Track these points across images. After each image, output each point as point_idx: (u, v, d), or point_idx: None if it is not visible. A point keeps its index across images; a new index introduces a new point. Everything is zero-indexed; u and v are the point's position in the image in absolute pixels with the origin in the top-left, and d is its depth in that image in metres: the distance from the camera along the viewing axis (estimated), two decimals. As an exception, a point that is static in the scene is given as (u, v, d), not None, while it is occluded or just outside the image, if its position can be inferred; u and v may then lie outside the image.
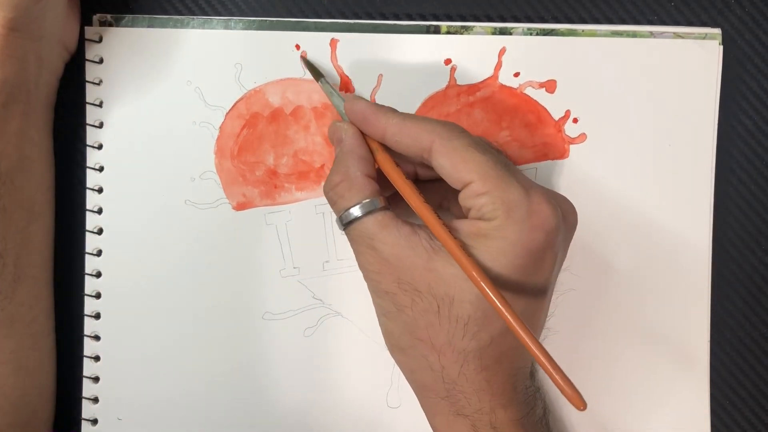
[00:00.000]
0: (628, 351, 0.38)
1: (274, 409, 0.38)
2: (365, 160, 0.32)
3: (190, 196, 0.38)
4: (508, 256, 0.29)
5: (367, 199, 0.30)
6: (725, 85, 0.38)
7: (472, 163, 0.29)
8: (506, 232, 0.29)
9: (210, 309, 0.38)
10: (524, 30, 0.38)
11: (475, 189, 0.29)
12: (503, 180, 0.29)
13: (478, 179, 0.29)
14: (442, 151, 0.30)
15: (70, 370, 0.38)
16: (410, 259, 0.29)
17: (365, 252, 0.31)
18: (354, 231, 0.31)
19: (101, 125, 0.38)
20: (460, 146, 0.30)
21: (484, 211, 0.29)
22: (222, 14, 0.38)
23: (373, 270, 0.30)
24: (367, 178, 0.31)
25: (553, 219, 0.29)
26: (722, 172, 0.39)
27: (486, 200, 0.29)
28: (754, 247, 0.39)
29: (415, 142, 0.30)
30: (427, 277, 0.29)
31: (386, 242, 0.30)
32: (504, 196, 0.29)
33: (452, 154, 0.29)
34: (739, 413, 0.39)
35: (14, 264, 0.34)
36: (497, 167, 0.29)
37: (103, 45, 0.37)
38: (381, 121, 0.31)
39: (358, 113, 0.32)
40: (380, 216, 0.30)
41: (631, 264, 0.38)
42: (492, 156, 0.30)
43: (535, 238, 0.29)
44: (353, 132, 0.32)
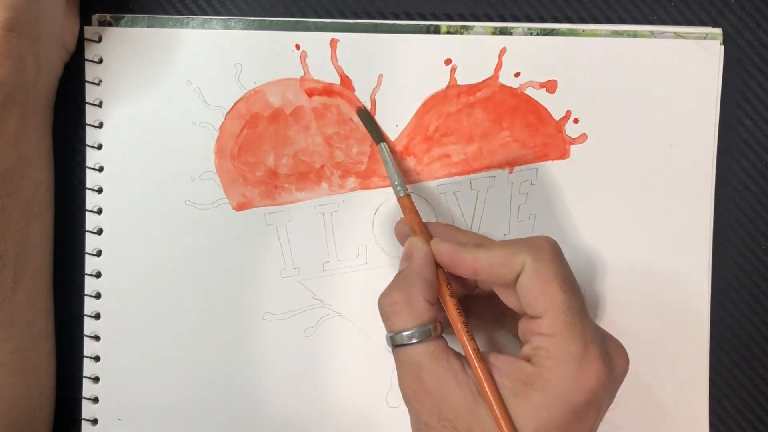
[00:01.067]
0: (627, 350, 0.38)
1: (274, 408, 0.38)
2: (431, 285, 0.31)
3: (190, 196, 0.38)
4: (550, 411, 0.28)
5: (423, 326, 0.30)
6: (726, 85, 0.38)
7: (550, 299, 0.28)
8: (552, 387, 0.28)
9: (210, 309, 0.38)
10: (524, 30, 0.38)
11: (540, 327, 0.29)
12: (569, 328, 0.28)
13: (547, 318, 0.28)
14: (530, 275, 0.29)
15: (70, 370, 0.38)
16: (455, 397, 0.29)
17: (410, 379, 0.30)
18: (403, 354, 0.30)
19: (101, 125, 0.38)
20: (546, 276, 0.29)
21: (539, 354, 0.29)
22: (222, 14, 0.38)
23: (416, 399, 0.30)
24: (428, 303, 0.30)
25: (602, 379, 0.29)
26: (722, 172, 0.39)
27: (544, 343, 0.28)
28: (754, 247, 0.39)
29: (507, 270, 0.29)
30: (469, 420, 0.29)
31: (434, 375, 0.29)
32: (563, 347, 0.28)
33: (536, 282, 0.29)
34: (739, 413, 0.39)
35: (14, 265, 0.34)
36: (570, 312, 0.28)
37: (103, 45, 0.37)
38: (469, 261, 0.30)
39: (445, 257, 0.31)
40: (433, 346, 0.30)
41: (631, 264, 0.38)
42: (571, 297, 0.29)
43: (581, 398, 0.28)
44: (426, 253, 0.32)
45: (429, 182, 0.38)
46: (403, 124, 0.38)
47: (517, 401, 0.28)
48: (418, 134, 0.38)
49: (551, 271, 0.29)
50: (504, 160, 0.38)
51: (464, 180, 0.38)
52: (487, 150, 0.38)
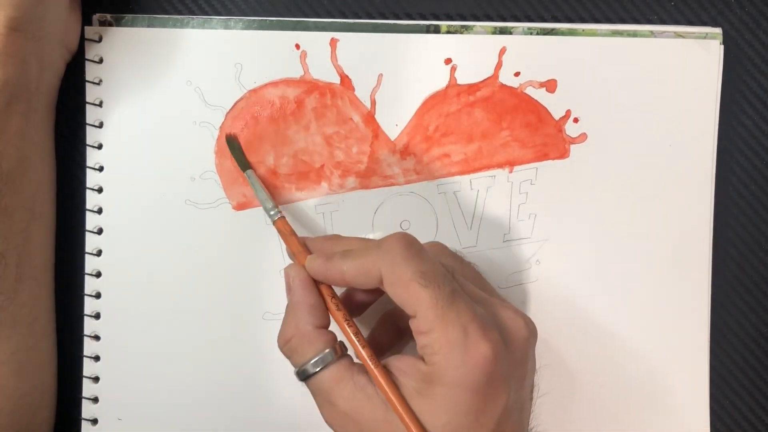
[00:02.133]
0: (627, 351, 0.38)
1: (274, 408, 0.38)
2: (315, 308, 0.31)
3: (190, 196, 0.38)
4: (454, 401, 0.28)
5: (320, 354, 0.30)
6: (726, 84, 0.38)
7: (414, 299, 0.29)
8: (448, 378, 0.28)
9: (210, 309, 0.38)
10: (524, 29, 0.38)
11: (418, 326, 0.29)
12: (441, 319, 0.28)
13: (420, 316, 0.29)
14: (388, 282, 0.29)
15: (70, 370, 0.38)
16: (369, 411, 0.29)
17: (325, 406, 0.30)
18: (312, 386, 0.31)
19: (101, 125, 0.38)
20: (404, 277, 0.29)
21: (426, 352, 0.29)
22: (222, 14, 0.38)
23: (336, 423, 0.30)
24: (318, 330, 0.31)
25: (491, 354, 0.28)
26: (722, 172, 0.39)
27: (426, 341, 0.29)
28: (754, 247, 0.39)
29: (370, 278, 0.30)
30: (385, 430, 0.29)
31: (343, 396, 0.29)
32: (442, 339, 0.28)
33: (396, 287, 0.29)
34: (739, 413, 0.39)
35: (16, 264, 0.34)
36: (438, 305, 0.28)
37: (103, 45, 0.37)
38: (337, 275, 0.31)
39: (318, 275, 0.31)
40: (335, 369, 0.30)
41: (631, 264, 0.38)
42: (434, 289, 0.29)
43: (476, 378, 0.28)
44: (300, 280, 0.32)
45: (429, 182, 0.38)
46: (403, 123, 0.38)
47: (423, 400, 0.29)
48: (418, 134, 0.38)
49: (407, 273, 0.29)
50: (504, 160, 0.38)
51: (464, 180, 0.38)
52: (487, 150, 0.38)
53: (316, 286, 0.32)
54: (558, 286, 0.38)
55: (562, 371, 0.38)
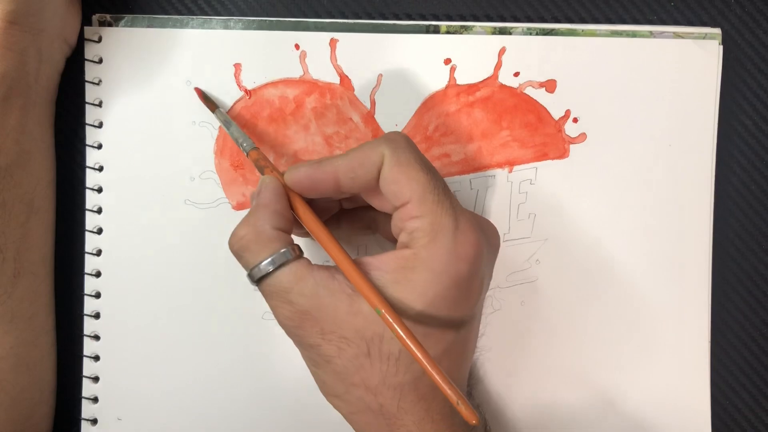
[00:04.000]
0: (628, 351, 0.38)
1: (274, 408, 0.38)
2: (279, 214, 0.30)
3: (190, 196, 0.38)
4: (434, 287, 0.28)
5: (277, 252, 0.29)
6: (725, 85, 0.38)
7: (414, 182, 0.29)
8: (432, 263, 0.28)
9: (210, 309, 0.38)
10: (524, 30, 0.38)
11: (410, 211, 0.29)
12: (438, 205, 0.29)
13: (415, 200, 0.29)
14: (390, 164, 0.29)
15: (70, 370, 0.38)
16: (332, 306, 0.29)
17: (282, 306, 0.29)
18: (267, 286, 0.29)
19: (101, 125, 0.38)
20: (406, 161, 0.29)
21: (415, 236, 0.29)
22: (222, 14, 0.38)
23: (294, 324, 0.29)
24: (277, 231, 0.30)
25: (478, 247, 0.29)
26: (722, 172, 0.39)
27: (418, 224, 0.29)
28: (754, 247, 0.39)
29: (368, 167, 0.29)
30: (353, 322, 0.28)
31: (304, 294, 0.29)
32: (435, 222, 0.29)
33: (398, 169, 0.29)
34: (739, 413, 0.39)
35: (14, 259, 0.34)
36: (436, 190, 0.29)
37: (103, 45, 0.37)
38: (329, 170, 0.30)
39: (304, 179, 0.30)
40: (294, 267, 0.29)
41: (631, 264, 0.38)
42: (433, 177, 0.29)
43: (461, 268, 0.29)
44: (273, 186, 0.31)
45: (429, 182, 0.38)
46: (402, 123, 0.38)
47: (398, 288, 0.28)
48: (417, 134, 0.38)
49: (410, 157, 0.29)
50: (504, 160, 0.38)
51: (464, 180, 0.38)
52: (487, 150, 0.38)
53: (287, 197, 0.31)
54: (558, 286, 0.38)
55: (562, 370, 0.38)
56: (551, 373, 0.38)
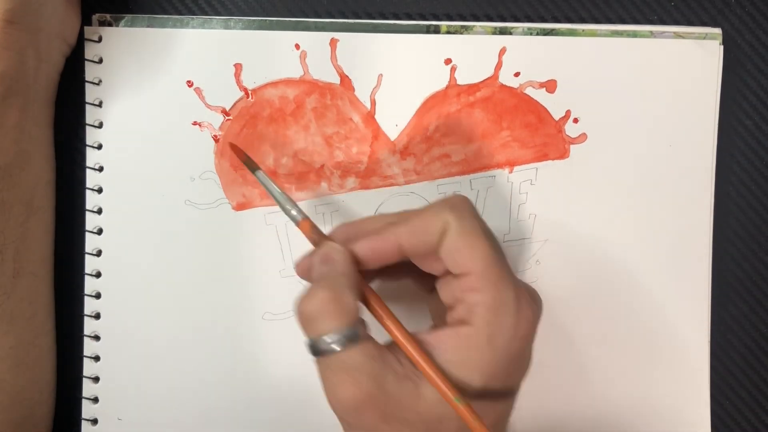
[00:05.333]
0: (627, 351, 0.38)
1: (274, 409, 0.38)
2: (357, 285, 0.29)
3: (190, 196, 0.38)
4: (494, 365, 0.28)
5: (351, 326, 0.28)
6: (725, 85, 0.38)
7: (478, 254, 0.28)
8: (494, 342, 0.28)
9: (210, 309, 0.38)
10: (524, 30, 0.38)
11: (472, 283, 0.28)
12: (501, 280, 0.28)
13: (478, 272, 0.28)
14: (455, 231, 0.28)
15: (70, 370, 0.38)
16: (398, 391, 0.27)
17: (346, 386, 0.27)
18: (334, 361, 0.28)
19: (101, 125, 0.38)
20: (472, 230, 0.28)
21: (475, 311, 0.28)
22: (222, 14, 0.38)
23: (353, 406, 0.27)
24: (356, 302, 0.28)
25: (535, 324, 0.29)
26: (722, 172, 0.39)
27: (479, 299, 0.28)
28: (754, 247, 0.39)
29: (432, 235, 0.28)
30: (416, 406, 0.28)
31: (373, 375, 0.27)
32: (498, 298, 0.28)
33: (462, 238, 0.28)
34: (739, 413, 0.39)
35: (13, 259, 0.34)
36: (498, 264, 0.28)
37: (103, 45, 0.37)
38: (391, 240, 0.29)
39: (367, 250, 0.29)
40: (367, 346, 0.28)
41: (631, 264, 0.38)
42: (496, 248, 0.28)
43: (518, 345, 0.28)
44: (346, 254, 0.29)
45: (429, 182, 0.38)
46: (403, 123, 0.38)
47: (460, 367, 0.28)
48: (418, 134, 0.38)
49: (475, 226, 0.28)
50: (504, 160, 0.38)
51: (464, 180, 0.38)
52: (487, 150, 0.38)
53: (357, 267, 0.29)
54: (558, 286, 0.38)
55: (562, 371, 0.38)
56: (551, 373, 0.38)
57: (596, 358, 0.38)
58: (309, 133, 0.38)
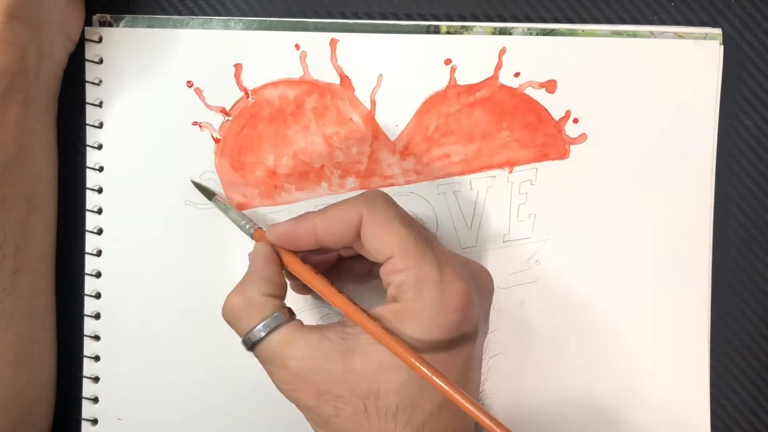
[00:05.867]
0: (627, 350, 0.38)
1: (274, 409, 0.38)
2: (267, 280, 0.31)
3: (190, 196, 0.38)
4: (425, 337, 0.28)
5: (267, 318, 0.30)
6: (725, 85, 0.38)
7: (394, 237, 0.29)
8: (420, 316, 0.29)
9: (210, 309, 0.38)
10: (524, 30, 0.38)
11: (395, 265, 0.29)
12: (420, 257, 0.29)
13: (398, 254, 0.29)
14: (369, 222, 0.30)
15: (70, 370, 0.38)
16: (325, 367, 0.29)
17: (277, 371, 0.30)
18: (261, 352, 0.30)
19: (101, 125, 0.38)
20: (384, 218, 0.30)
21: (402, 289, 0.29)
22: (222, 14, 0.38)
23: (290, 388, 0.30)
24: (267, 297, 0.30)
25: (466, 296, 0.29)
26: (722, 172, 0.39)
27: (403, 277, 0.29)
28: (754, 247, 0.39)
29: (346, 225, 0.30)
30: (347, 380, 0.29)
31: (296, 356, 0.29)
32: (420, 275, 0.29)
33: (377, 227, 0.30)
34: (739, 413, 0.39)
35: (13, 256, 0.34)
36: (417, 243, 0.29)
37: (103, 45, 0.37)
38: (308, 226, 0.31)
39: (283, 235, 0.31)
40: (285, 331, 0.30)
41: (631, 264, 0.38)
42: (413, 230, 0.30)
43: (449, 318, 0.29)
44: (262, 253, 0.32)
45: (429, 182, 0.38)
46: (403, 123, 0.38)
47: None
48: (418, 134, 0.38)
49: (388, 213, 0.30)
50: (504, 160, 0.38)
51: (464, 180, 0.38)
52: (487, 150, 0.38)
53: (278, 262, 0.31)
54: (558, 286, 0.38)
55: (562, 371, 0.38)
56: (551, 373, 0.38)
57: (595, 356, 0.38)
58: (309, 133, 0.38)
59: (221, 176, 0.38)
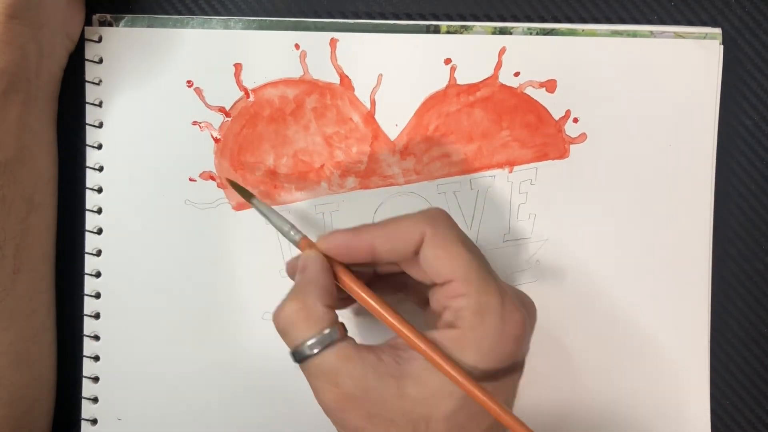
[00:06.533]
0: (628, 350, 0.38)
1: (274, 409, 0.38)
2: (327, 291, 0.29)
3: (190, 196, 0.38)
4: (481, 366, 0.28)
5: (325, 330, 0.28)
6: (725, 85, 0.38)
7: (458, 261, 0.29)
8: (480, 344, 0.28)
9: (210, 309, 0.38)
10: (524, 29, 0.38)
11: (456, 289, 0.29)
12: (483, 283, 0.28)
13: (460, 278, 0.28)
14: (433, 243, 0.29)
15: (70, 370, 0.38)
16: (379, 389, 0.28)
17: (327, 388, 0.28)
18: (313, 367, 0.28)
19: (101, 125, 0.38)
20: (449, 239, 0.29)
21: (461, 315, 0.28)
22: (222, 14, 0.38)
23: (339, 407, 0.28)
24: (326, 308, 0.29)
25: (523, 327, 0.29)
26: (722, 172, 0.39)
27: (464, 303, 0.28)
28: (754, 247, 0.39)
29: (407, 242, 0.29)
30: (400, 405, 0.28)
31: (351, 375, 0.28)
32: (482, 301, 0.28)
33: (441, 248, 0.29)
34: (739, 413, 0.39)
35: (13, 255, 0.34)
36: (480, 269, 0.29)
37: (103, 45, 0.37)
38: (366, 239, 0.30)
39: (340, 245, 0.30)
40: (342, 348, 0.28)
41: (631, 264, 0.38)
42: (476, 255, 0.29)
43: (508, 347, 0.28)
44: (320, 262, 0.30)
45: (429, 182, 0.38)
46: (402, 123, 0.38)
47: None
48: (417, 134, 0.38)
49: (452, 235, 0.29)
50: (504, 160, 0.38)
51: (464, 180, 0.38)
52: (487, 150, 0.38)
53: (332, 272, 0.30)
54: (558, 286, 0.38)
55: (562, 371, 0.38)
56: (550, 372, 0.38)
57: (595, 357, 0.38)
58: (309, 133, 0.38)
59: (221, 176, 0.38)
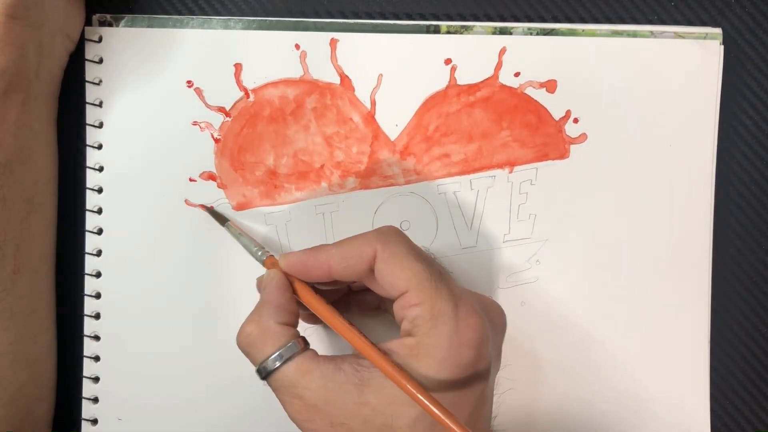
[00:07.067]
0: (627, 350, 0.38)
1: (273, 409, 0.38)
2: (282, 308, 0.31)
3: (190, 196, 0.38)
4: (439, 373, 0.28)
5: (282, 347, 0.30)
6: (726, 85, 0.38)
7: (409, 272, 0.29)
8: (435, 350, 0.28)
9: (209, 309, 0.38)
10: (524, 30, 0.38)
11: (409, 299, 0.29)
12: (435, 291, 0.29)
13: (413, 289, 0.29)
14: (383, 258, 0.30)
15: (70, 371, 0.38)
16: (340, 399, 0.29)
17: (291, 401, 0.29)
18: (275, 382, 0.30)
19: (101, 125, 0.38)
20: (399, 253, 0.30)
21: (416, 323, 0.29)
22: (222, 14, 0.38)
23: (303, 418, 0.29)
24: (281, 326, 0.30)
25: (480, 331, 0.29)
26: (722, 172, 0.39)
27: (418, 312, 0.29)
28: (754, 247, 0.39)
29: (360, 259, 0.30)
30: (360, 413, 0.29)
31: (310, 387, 0.29)
32: (435, 309, 0.29)
33: (391, 262, 0.30)
34: (739, 413, 0.39)
35: (13, 255, 0.34)
36: (432, 278, 0.29)
37: (103, 45, 0.37)
38: (321, 258, 0.31)
39: (297, 264, 0.31)
40: (300, 361, 0.29)
41: (631, 264, 0.38)
42: (427, 265, 0.30)
43: (464, 354, 0.29)
44: (276, 281, 0.31)
45: (429, 182, 0.38)
46: (403, 123, 0.38)
47: (409, 372, 0.29)
48: (418, 134, 0.38)
49: (402, 249, 0.30)
50: (504, 160, 0.38)
51: (464, 180, 0.38)
52: (487, 150, 0.38)
53: (291, 290, 0.31)
54: (558, 286, 0.38)
55: (562, 371, 0.38)
56: (551, 373, 0.38)
57: (596, 357, 0.38)
58: (309, 133, 0.38)
59: (221, 176, 0.38)
